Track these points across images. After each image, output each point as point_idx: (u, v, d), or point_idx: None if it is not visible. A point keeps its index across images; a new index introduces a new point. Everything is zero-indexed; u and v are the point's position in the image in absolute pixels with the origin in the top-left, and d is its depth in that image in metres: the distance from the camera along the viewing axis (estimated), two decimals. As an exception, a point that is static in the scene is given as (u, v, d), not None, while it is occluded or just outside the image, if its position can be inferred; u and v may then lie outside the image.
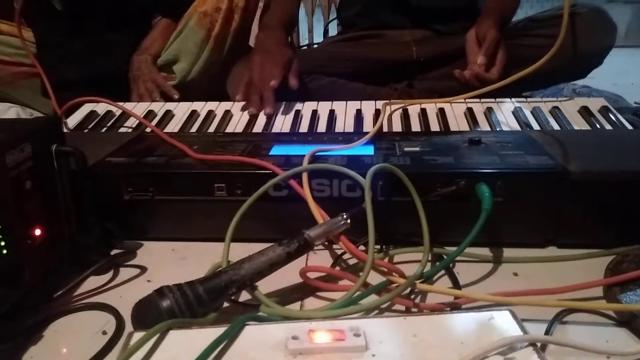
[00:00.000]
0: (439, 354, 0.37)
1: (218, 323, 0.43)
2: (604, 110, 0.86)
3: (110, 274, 0.59)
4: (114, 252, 0.62)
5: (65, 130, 0.85)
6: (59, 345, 0.47)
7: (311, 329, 0.39)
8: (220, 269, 0.50)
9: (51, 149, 0.55)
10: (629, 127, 0.82)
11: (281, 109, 0.95)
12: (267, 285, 0.51)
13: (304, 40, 2.19)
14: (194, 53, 1.21)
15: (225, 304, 0.50)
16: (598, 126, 0.82)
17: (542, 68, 0.89)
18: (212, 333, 0.39)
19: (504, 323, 0.40)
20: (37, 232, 0.52)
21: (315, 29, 2.11)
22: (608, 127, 0.82)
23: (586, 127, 0.82)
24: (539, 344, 0.38)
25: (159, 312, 0.43)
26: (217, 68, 1.22)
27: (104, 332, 0.48)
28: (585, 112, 0.86)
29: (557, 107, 0.88)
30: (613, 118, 0.84)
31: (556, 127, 0.82)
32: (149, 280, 0.58)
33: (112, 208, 0.63)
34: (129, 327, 0.47)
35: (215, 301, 0.47)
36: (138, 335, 0.39)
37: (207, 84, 1.22)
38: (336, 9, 1.36)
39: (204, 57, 1.22)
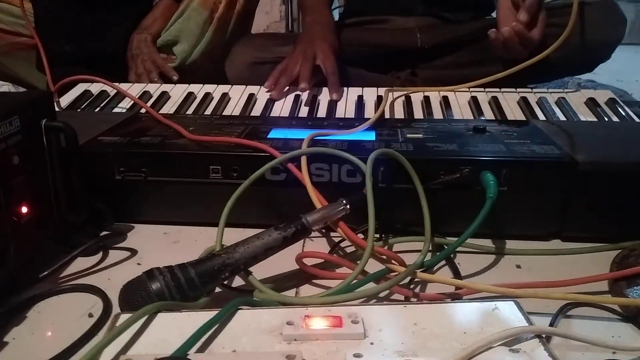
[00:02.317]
0: (441, 343, 0.35)
1: (209, 307, 0.41)
2: (611, 103, 0.84)
3: (99, 256, 0.57)
4: (103, 233, 0.60)
5: (57, 110, 0.83)
6: (43, 327, 0.46)
7: (307, 315, 0.37)
8: (213, 252, 0.48)
9: (41, 124, 0.53)
10: (637, 119, 0.80)
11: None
12: (261, 271, 0.49)
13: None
14: (195, 34, 1.18)
15: (218, 289, 0.49)
16: (605, 118, 0.80)
17: (549, 58, 0.87)
18: (203, 316, 0.37)
19: (509, 314, 0.38)
20: (24, 209, 0.50)
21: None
22: (615, 119, 0.80)
23: (593, 118, 0.80)
24: (545, 336, 0.37)
25: (148, 295, 0.41)
26: (219, 53, 1.20)
27: (91, 315, 0.47)
28: (591, 103, 0.84)
29: (563, 98, 0.86)
30: (620, 110, 0.82)
31: (562, 118, 0.81)
32: (139, 264, 0.56)
33: (103, 188, 0.61)
34: (116, 309, 0.46)
35: (208, 285, 0.45)
36: (125, 317, 0.37)
37: (209, 70, 1.20)
38: None
39: (205, 39, 1.19)
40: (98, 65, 0.99)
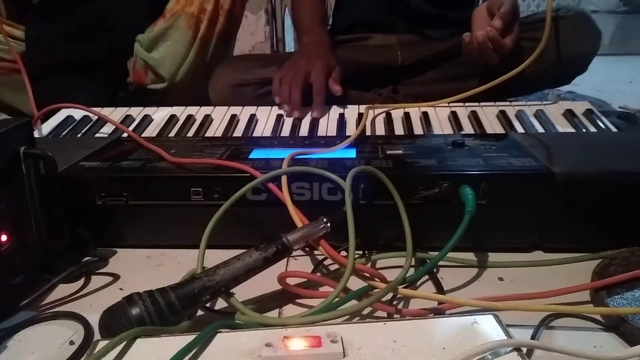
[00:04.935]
0: (420, 359, 0.35)
1: (190, 331, 0.41)
2: (588, 114, 0.85)
3: (80, 282, 0.57)
4: (85, 259, 0.60)
5: (39, 136, 0.83)
6: (24, 356, 0.45)
7: (286, 336, 0.37)
8: (194, 274, 0.48)
9: (19, 151, 0.53)
10: (614, 129, 0.81)
11: (262, 114, 0.93)
12: (244, 292, 0.49)
13: (289, 48, 2.18)
14: (181, 55, 1.19)
15: (200, 312, 0.49)
16: (583, 129, 0.81)
17: (526, 72, 0.88)
18: (182, 341, 0.37)
19: (488, 328, 0.39)
20: (3, 237, 0.50)
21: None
22: (593, 129, 0.81)
23: (571, 129, 0.81)
24: (524, 349, 0.37)
25: (127, 320, 0.41)
26: (201, 73, 1.20)
27: (72, 343, 0.46)
28: (569, 115, 0.85)
29: (541, 111, 0.87)
30: (598, 121, 0.83)
31: (540, 130, 0.81)
32: (121, 289, 0.56)
33: (84, 214, 0.60)
34: (98, 337, 0.45)
35: (188, 309, 0.45)
36: (103, 344, 0.37)
37: (192, 91, 1.20)
38: (332, 12, 1.33)
39: (189, 59, 1.20)
40: (91, 72, 0.97)
